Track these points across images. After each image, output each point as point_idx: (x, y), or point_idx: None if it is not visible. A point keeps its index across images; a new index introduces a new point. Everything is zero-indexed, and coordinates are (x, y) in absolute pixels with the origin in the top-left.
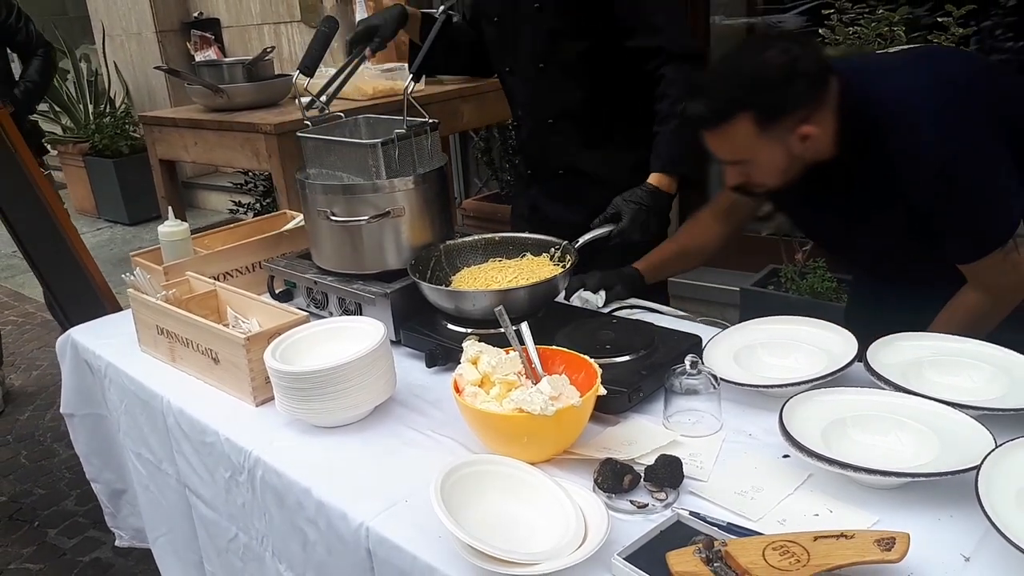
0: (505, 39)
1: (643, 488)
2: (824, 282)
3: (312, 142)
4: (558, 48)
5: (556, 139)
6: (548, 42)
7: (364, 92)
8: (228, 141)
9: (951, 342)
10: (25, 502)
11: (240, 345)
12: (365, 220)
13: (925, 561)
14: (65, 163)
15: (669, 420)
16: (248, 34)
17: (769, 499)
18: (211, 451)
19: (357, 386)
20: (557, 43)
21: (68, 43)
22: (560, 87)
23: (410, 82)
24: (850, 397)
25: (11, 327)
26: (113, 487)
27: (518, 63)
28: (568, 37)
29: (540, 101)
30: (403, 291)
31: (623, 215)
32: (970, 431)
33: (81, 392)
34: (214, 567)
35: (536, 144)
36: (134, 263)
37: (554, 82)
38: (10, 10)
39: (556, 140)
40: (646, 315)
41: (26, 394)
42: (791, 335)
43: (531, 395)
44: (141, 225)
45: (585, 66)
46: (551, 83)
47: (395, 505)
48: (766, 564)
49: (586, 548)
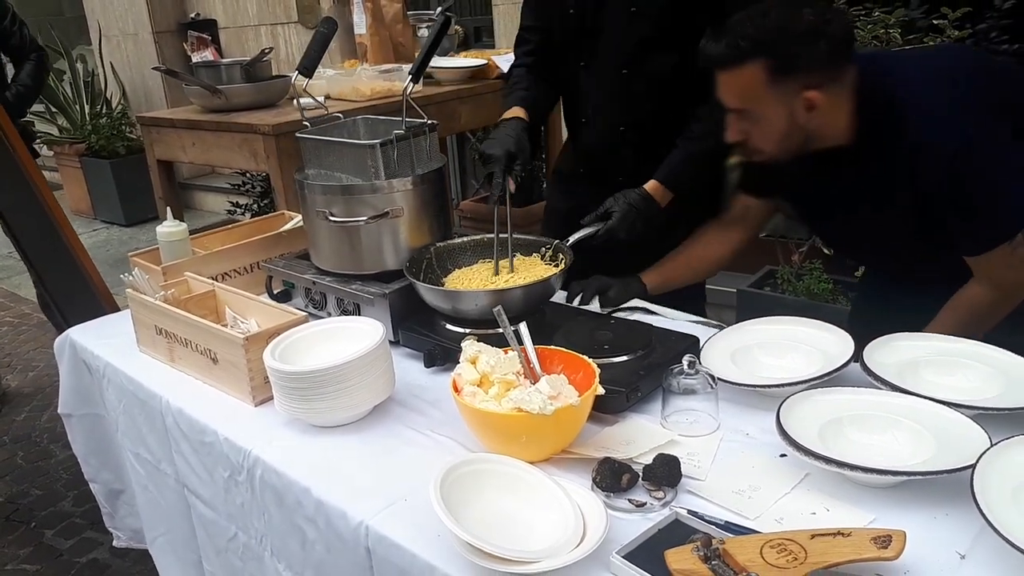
0: (584, 34)
1: (641, 487)
2: (820, 283)
3: (311, 143)
4: (647, 57)
5: (625, 148)
6: (638, 49)
7: (362, 93)
8: (226, 142)
9: (947, 342)
10: (22, 503)
11: (239, 345)
12: (364, 221)
13: (921, 559)
14: (61, 164)
15: (667, 420)
16: (245, 35)
17: (766, 498)
18: (210, 451)
19: (356, 386)
20: (647, 52)
21: (64, 43)
22: (640, 96)
23: (409, 83)
24: (847, 397)
25: (7, 328)
26: (111, 487)
27: (597, 62)
28: (658, 48)
29: (617, 107)
30: (401, 291)
31: (613, 213)
32: (966, 430)
33: (79, 392)
34: (213, 566)
35: (602, 148)
36: (132, 263)
37: (635, 91)
38: (4, 13)
39: (625, 149)
40: (644, 316)
41: (22, 395)
42: (788, 335)
43: (530, 394)
44: (137, 226)
45: (667, 80)
46: (632, 91)
47: (394, 504)
48: (764, 562)
49: (585, 546)
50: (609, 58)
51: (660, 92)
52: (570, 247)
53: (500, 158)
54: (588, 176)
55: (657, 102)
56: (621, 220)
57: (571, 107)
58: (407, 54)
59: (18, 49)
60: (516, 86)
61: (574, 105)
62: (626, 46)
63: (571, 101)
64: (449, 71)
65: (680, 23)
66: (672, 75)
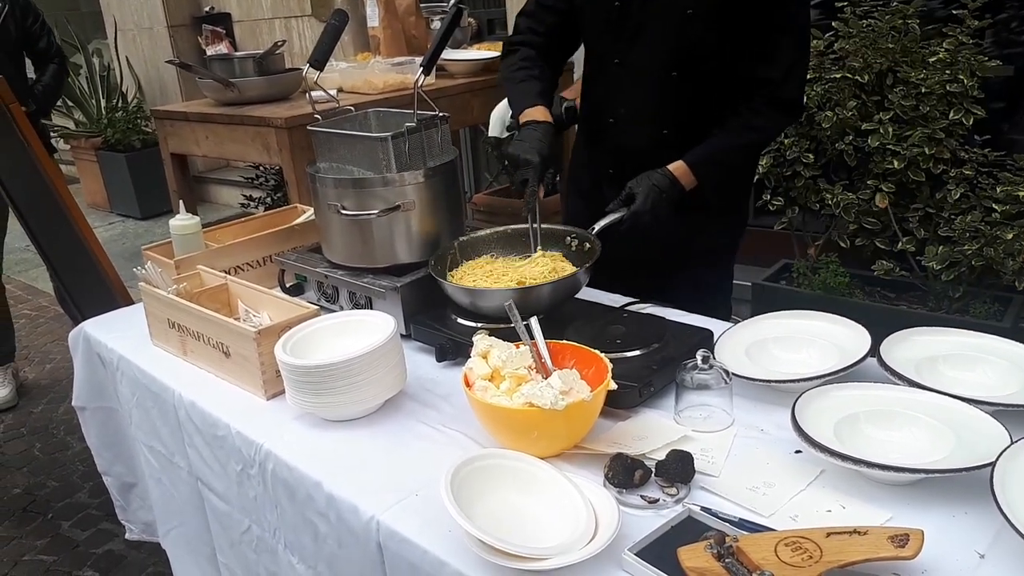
0: (623, 28)
1: (654, 483)
2: (837, 277)
3: (322, 136)
4: (699, 60)
5: (668, 150)
6: (689, 52)
7: (374, 86)
8: (239, 135)
9: (966, 337)
10: (39, 494)
11: (251, 339)
12: (375, 214)
13: (939, 558)
14: (78, 158)
15: (680, 415)
16: (259, 28)
17: (781, 495)
18: (222, 444)
19: (367, 380)
20: (699, 55)
21: (80, 38)
22: (687, 99)
23: (420, 75)
24: (863, 392)
25: (25, 320)
26: (123, 480)
27: (637, 61)
28: (709, 51)
29: (661, 108)
30: (413, 285)
31: (636, 196)
32: (985, 427)
33: (93, 385)
34: (227, 559)
35: (640, 150)
36: (145, 257)
37: (683, 93)
38: (36, 17)
39: (668, 151)
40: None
41: (40, 387)
42: (803, 330)
43: (541, 389)
44: (153, 219)
45: (715, 83)
46: (679, 93)
47: (406, 499)
48: (778, 560)
49: (596, 543)
50: (654, 58)
51: (707, 95)
52: (596, 235)
53: (536, 165)
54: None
55: (704, 105)
56: (644, 200)
57: (595, 105)
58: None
59: (43, 52)
60: (529, 72)
61: (598, 103)
62: (678, 47)
63: (596, 99)
64: (462, 63)
65: (734, 28)
66: (720, 79)
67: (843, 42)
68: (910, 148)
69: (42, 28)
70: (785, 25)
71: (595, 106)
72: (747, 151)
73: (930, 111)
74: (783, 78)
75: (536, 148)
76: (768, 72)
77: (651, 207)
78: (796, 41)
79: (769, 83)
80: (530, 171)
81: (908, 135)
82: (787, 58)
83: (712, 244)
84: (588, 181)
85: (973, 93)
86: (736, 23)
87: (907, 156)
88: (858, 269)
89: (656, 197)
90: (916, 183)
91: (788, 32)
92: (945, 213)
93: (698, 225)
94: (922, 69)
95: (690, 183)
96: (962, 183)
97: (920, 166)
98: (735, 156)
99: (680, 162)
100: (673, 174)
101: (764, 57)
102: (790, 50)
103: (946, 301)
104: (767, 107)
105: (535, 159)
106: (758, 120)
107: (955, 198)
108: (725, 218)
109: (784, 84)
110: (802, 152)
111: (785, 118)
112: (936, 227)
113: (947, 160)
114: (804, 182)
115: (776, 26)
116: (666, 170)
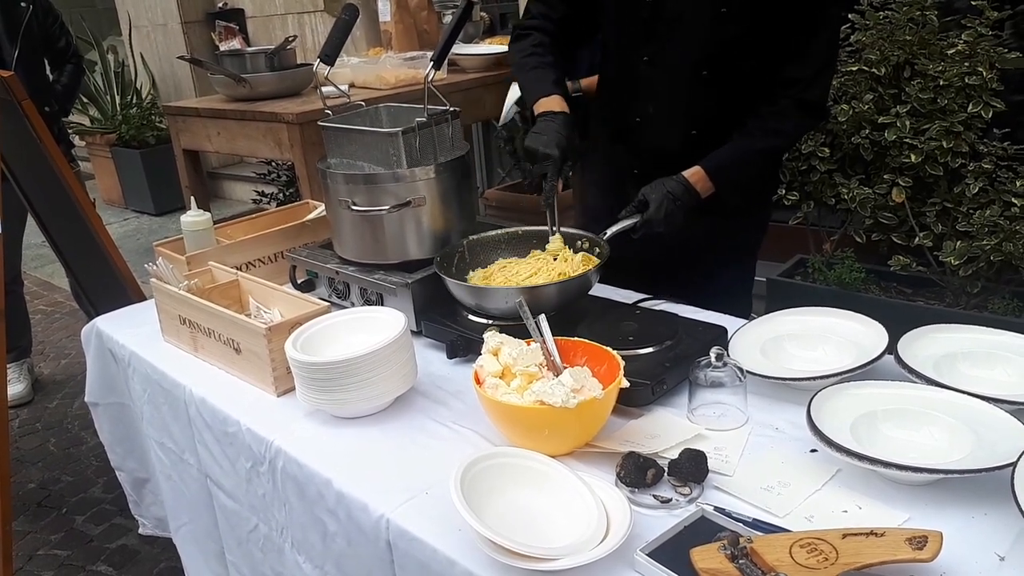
0: (656, 26)
1: (666, 482)
2: (852, 273)
3: (333, 131)
4: (730, 59)
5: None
6: (722, 50)
7: (386, 81)
8: (250, 131)
9: (985, 334)
10: (53, 489)
11: (261, 335)
12: (386, 210)
13: (958, 561)
14: (93, 154)
15: (693, 413)
16: (272, 24)
17: (796, 495)
18: (232, 441)
19: (378, 377)
20: (731, 54)
21: (95, 35)
22: (717, 99)
23: (430, 70)
24: (880, 391)
25: (40, 316)
26: (136, 476)
27: (667, 59)
28: (742, 50)
29: (691, 108)
30: (424, 281)
31: (650, 203)
32: (1005, 426)
33: (105, 381)
34: (235, 557)
35: (668, 150)
36: (157, 253)
37: (713, 93)
38: (55, 18)
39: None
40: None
41: (55, 382)
42: (819, 327)
43: (552, 387)
44: (168, 215)
45: (746, 83)
46: (710, 93)
47: (416, 497)
48: (793, 562)
49: (608, 543)
50: (686, 56)
51: (738, 95)
52: (607, 241)
53: (556, 159)
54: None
55: (734, 105)
56: (658, 209)
57: (619, 103)
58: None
59: (62, 53)
60: (541, 59)
61: (625, 102)
62: (710, 46)
63: (620, 97)
64: (474, 58)
65: (766, 26)
66: (750, 79)
67: (860, 34)
68: (927, 142)
69: (61, 29)
70: (819, 25)
71: (620, 104)
72: (767, 156)
73: (948, 104)
74: (812, 78)
75: (555, 141)
76: (797, 72)
77: (664, 216)
78: (828, 42)
79: (797, 83)
80: (549, 165)
81: (925, 128)
82: (818, 59)
83: (733, 246)
84: (610, 180)
85: (992, 86)
86: (769, 21)
87: (924, 150)
88: (874, 265)
89: (670, 205)
90: (933, 177)
91: (821, 32)
92: (963, 208)
93: (718, 229)
94: (940, 61)
95: (706, 189)
96: (980, 177)
97: (938, 160)
98: (754, 161)
99: (697, 167)
100: (688, 181)
101: (794, 56)
102: (821, 51)
103: (964, 297)
104: (792, 108)
105: (555, 152)
106: (780, 123)
107: (973, 192)
108: (746, 220)
109: (812, 85)
110: (818, 146)
111: (809, 121)
112: (954, 222)
113: (965, 154)
114: (820, 176)
115: (810, 25)
116: (681, 177)
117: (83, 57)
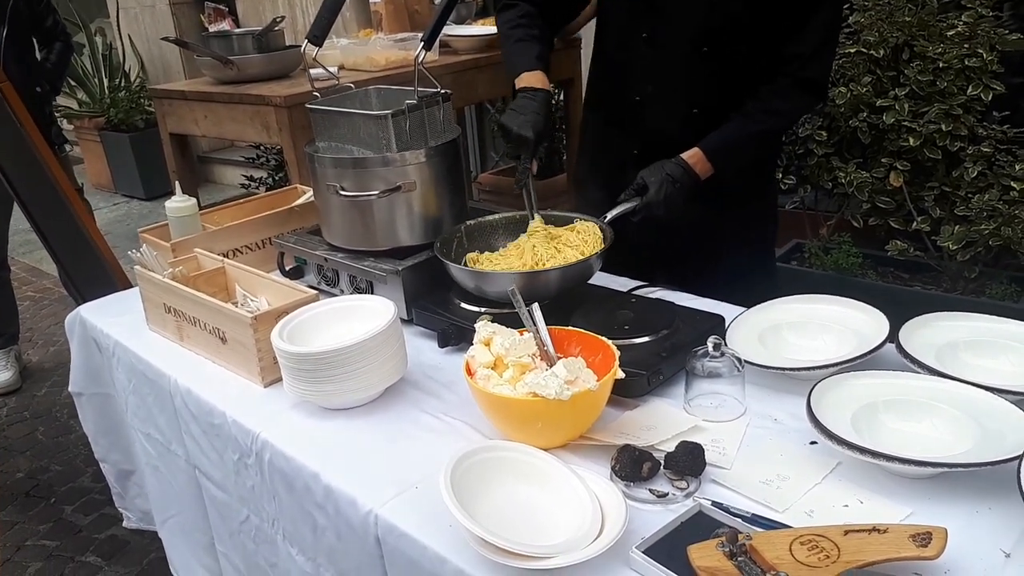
0: (654, 2)
1: (663, 476)
2: (849, 257)
3: (321, 114)
4: (730, 37)
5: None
6: (722, 28)
7: (377, 63)
8: (238, 114)
9: (987, 322)
10: (42, 479)
11: (247, 324)
12: (375, 195)
13: (962, 556)
14: (81, 138)
15: (690, 404)
16: (262, 6)
17: (796, 489)
18: (219, 433)
19: (367, 367)
20: (731, 32)
21: (83, 17)
22: (716, 78)
23: (421, 51)
24: (882, 381)
25: (29, 302)
26: (120, 468)
27: (667, 35)
28: (743, 28)
29: (691, 88)
30: (415, 268)
31: (649, 186)
32: (1010, 418)
33: (89, 371)
34: (227, 548)
35: (668, 130)
36: (141, 239)
37: (712, 71)
38: None
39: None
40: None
41: (43, 370)
42: (819, 315)
43: (546, 379)
44: (158, 200)
45: (745, 62)
46: (709, 72)
47: (405, 492)
48: (793, 559)
49: (603, 540)
50: (684, 33)
51: (738, 74)
52: (608, 224)
53: (531, 142)
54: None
55: (733, 84)
56: (657, 192)
57: (618, 83)
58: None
59: (49, 31)
60: (528, 31)
61: (624, 81)
62: (710, 23)
63: (620, 77)
64: (466, 39)
65: (766, 2)
66: (750, 57)
67: (858, 15)
68: (926, 125)
69: (47, 7)
70: (820, 2)
71: (617, 84)
72: (766, 137)
73: (947, 86)
74: (811, 55)
75: (531, 123)
76: (796, 48)
77: (664, 198)
78: (828, 20)
79: (796, 59)
80: (524, 148)
81: (924, 111)
82: (817, 35)
83: (742, 230)
84: (610, 163)
85: (992, 68)
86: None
87: (923, 133)
88: (871, 249)
89: (669, 187)
90: (932, 161)
91: (821, 9)
92: (962, 192)
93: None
94: (939, 43)
95: (705, 171)
96: (979, 161)
97: (936, 143)
98: (753, 142)
99: (696, 149)
100: (687, 163)
101: (793, 33)
102: (821, 28)
103: (961, 282)
104: (790, 86)
105: (530, 135)
106: (779, 103)
107: (972, 176)
108: (751, 204)
109: (811, 62)
110: (815, 129)
111: (808, 99)
112: (952, 206)
113: (964, 137)
114: (817, 160)
115: (810, 2)
116: (680, 159)
117: (71, 35)
